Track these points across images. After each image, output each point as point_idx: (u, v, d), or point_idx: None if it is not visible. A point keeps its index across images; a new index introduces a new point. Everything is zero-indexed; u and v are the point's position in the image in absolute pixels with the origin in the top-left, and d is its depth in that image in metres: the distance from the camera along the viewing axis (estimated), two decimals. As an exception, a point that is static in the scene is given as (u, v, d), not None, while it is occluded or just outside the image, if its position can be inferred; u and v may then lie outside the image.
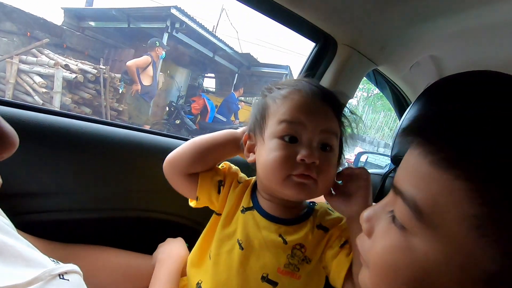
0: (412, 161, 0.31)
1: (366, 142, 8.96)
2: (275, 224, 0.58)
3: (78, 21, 6.57)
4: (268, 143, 0.55)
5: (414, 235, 0.30)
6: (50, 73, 4.45)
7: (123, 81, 4.86)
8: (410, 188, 0.30)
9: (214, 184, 0.65)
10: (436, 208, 0.28)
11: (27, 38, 5.15)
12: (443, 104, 0.35)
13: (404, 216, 0.30)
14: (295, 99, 0.55)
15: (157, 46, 4.55)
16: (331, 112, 0.56)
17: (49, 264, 0.38)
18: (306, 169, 0.51)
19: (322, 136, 0.54)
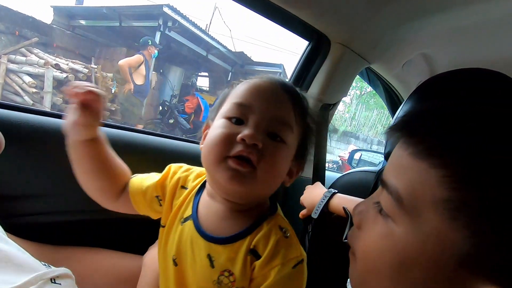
0: (396, 154, 0.34)
1: (359, 139, 9.03)
2: (205, 240, 0.50)
3: (68, 20, 6.46)
4: (215, 123, 0.51)
5: (396, 222, 0.32)
6: (40, 73, 4.37)
7: (115, 80, 4.80)
8: (394, 179, 0.33)
9: (150, 201, 0.59)
10: (414, 195, 0.30)
11: (16, 37, 5.04)
12: (426, 101, 0.38)
13: (388, 206, 0.33)
14: (251, 82, 0.52)
15: (149, 44, 4.51)
16: (288, 104, 0.51)
17: (40, 268, 0.38)
18: (245, 149, 0.46)
19: (272, 123, 0.49)
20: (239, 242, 0.49)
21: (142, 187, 0.59)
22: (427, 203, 0.29)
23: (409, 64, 1.12)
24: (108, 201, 0.60)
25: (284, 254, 0.48)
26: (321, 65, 0.99)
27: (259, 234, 0.49)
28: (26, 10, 5.35)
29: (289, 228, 0.52)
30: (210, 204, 0.54)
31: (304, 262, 0.50)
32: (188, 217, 0.54)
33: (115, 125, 0.83)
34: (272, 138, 0.49)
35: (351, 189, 0.89)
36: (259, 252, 0.48)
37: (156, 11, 5.74)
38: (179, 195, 0.57)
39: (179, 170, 0.61)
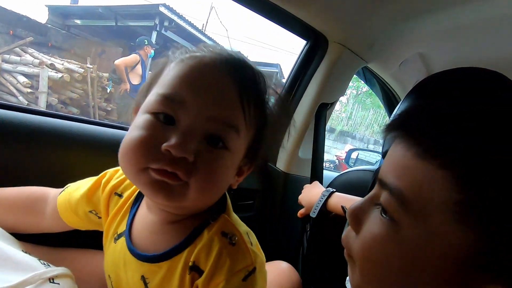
0: (396, 154, 0.32)
1: (356, 139, 9.07)
2: (137, 260, 0.43)
3: (63, 19, 6.41)
4: (138, 118, 0.40)
5: (402, 225, 0.30)
6: (35, 73, 4.32)
7: (111, 80, 4.77)
8: (396, 180, 0.31)
9: (84, 217, 0.52)
10: (420, 196, 0.29)
11: (10, 36, 4.98)
12: (425, 100, 0.38)
13: (391, 208, 0.31)
14: (187, 65, 0.39)
15: (146, 44, 4.48)
16: (233, 95, 0.39)
17: (39, 267, 0.37)
18: (170, 163, 0.36)
19: (211, 125, 0.38)
20: (176, 257, 0.41)
21: (71, 204, 0.52)
22: (435, 205, 0.28)
23: (406, 63, 1.12)
24: (31, 229, 0.55)
25: (229, 266, 0.40)
26: (319, 64, 1.00)
27: (198, 245, 0.41)
28: (21, 9, 5.30)
29: (237, 231, 0.43)
30: (145, 218, 0.46)
31: (258, 270, 0.42)
32: (121, 234, 0.46)
33: (111, 124, 0.82)
34: (212, 144, 0.39)
35: (349, 188, 0.90)
36: (201, 268, 0.40)
37: (152, 10, 5.71)
38: (114, 204, 0.50)
39: (114, 176, 0.52)
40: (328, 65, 0.98)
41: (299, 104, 1.05)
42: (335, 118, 10.60)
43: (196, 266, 0.41)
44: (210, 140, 0.39)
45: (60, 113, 0.76)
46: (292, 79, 1.05)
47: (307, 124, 1.06)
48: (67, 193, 0.54)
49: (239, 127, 0.40)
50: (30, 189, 0.58)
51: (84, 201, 0.51)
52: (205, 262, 0.40)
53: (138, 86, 4.50)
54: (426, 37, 0.98)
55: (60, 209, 0.54)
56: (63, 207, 0.53)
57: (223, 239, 0.42)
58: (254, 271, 0.41)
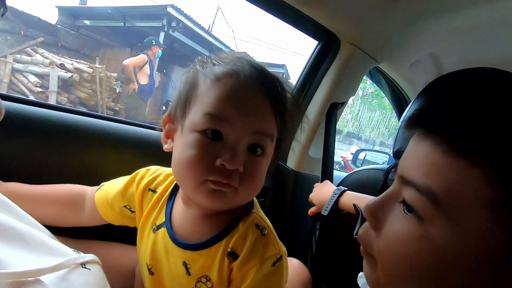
0: (423, 151, 0.31)
1: (362, 140, 9.03)
2: (179, 248, 0.49)
3: (73, 20, 6.50)
4: (187, 136, 0.45)
5: (432, 223, 0.29)
6: (45, 72, 4.40)
7: (120, 80, 4.83)
8: (423, 178, 0.30)
9: (119, 211, 0.58)
10: (453, 195, 0.28)
11: (21, 37, 5.07)
12: (451, 97, 0.35)
13: (419, 205, 0.30)
14: (227, 86, 0.44)
15: (153, 45, 4.53)
16: (268, 109, 0.45)
17: (71, 253, 0.39)
18: (226, 176, 0.43)
19: (253, 137, 0.45)
20: (215, 246, 0.48)
21: (107, 200, 0.58)
22: (469, 203, 0.27)
23: (417, 63, 1.13)
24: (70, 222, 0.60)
25: (262, 253, 0.46)
26: (331, 64, 1.00)
27: (235, 235, 0.47)
28: (32, 10, 5.39)
29: (267, 225, 0.50)
30: (184, 211, 0.51)
31: (284, 258, 0.49)
32: (161, 225, 0.52)
33: (121, 120, 0.85)
34: (253, 152, 0.45)
35: (360, 187, 0.90)
36: (237, 253, 0.46)
37: (160, 11, 5.77)
38: (149, 199, 0.55)
39: (146, 174, 0.58)
40: (340, 65, 0.99)
41: (310, 103, 1.06)
42: (341, 119, 10.56)
43: (233, 252, 0.47)
44: (251, 148, 0.45)
45: (86, 111, 0.79)
46: (303, 79, 1.06)
47: (318, 123, 1.07)
48: (104, 189, 0.60)
49: (274, 134, 0.47)
50: (69, 186, 0.63)
51: (119, 196, 0.57)
52: (241, 248, 0.47)
53: (146, 86, 4.55)
54: (437, 37, 0.98)
55: (98, 204, 0.59)
56: (101, 202, 0.59)
57: (256, 230, 0.48)
58: (281, 258, 0.48)
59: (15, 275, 0.30)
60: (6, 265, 0.30)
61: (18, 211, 0.42)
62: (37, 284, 0.32)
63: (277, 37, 15.60)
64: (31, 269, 0.32)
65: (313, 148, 1.11)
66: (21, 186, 0.61)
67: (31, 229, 0.37)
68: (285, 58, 23.97)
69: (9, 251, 0.34)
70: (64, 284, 0.34)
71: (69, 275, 0.36)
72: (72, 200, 0.61)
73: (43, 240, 0.37)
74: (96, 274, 0.40)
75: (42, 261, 0.35)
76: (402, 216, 0.32)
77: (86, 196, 0.62)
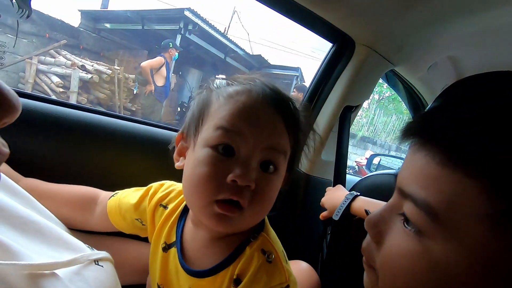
0: (419, 162, 0.30)
1: (377, 145, 8.85)
2: (186, 274, 0.48)
3: (94, 23, 6.73)
4: (198, 151, 0.44)
5: (431, 238, 0.28)
6: (67, 73, 4.58)
7: (137, 81, 4.95)
8: (421, 190, 0.29)
9: (131, 222, 0.58)
10: (451, 208, 0.27)
11: (46, 39, 5.30)
12: (449, 102, 0.34)
13: (418, 220, 0.29)
14: (240, 101, 0.44)
15: (170, 47, 4.62)
16: (281, 125, 0.45)
17: (85, 249, 0.41)
18: (236, 192, 0.41)
19: (266, 153, 0.43)
20: (221, 273, 0.46)
21: (120, 210, 0.59)
22: (468, 216, 0.26)
23: (435, 67, 1.10)
24: (78, 224, 0.61)
25: (266, 281, 0.43)
26: (345, 67, 0.99)
27: (241, 261, 0.45)
28: (56, 14, 5.62)
29: (274, 250, 0.47)
30: (193, 232, 0.50)
31: (291, 287, 0.45)
32: (172, 244, 0.51)
33: (134, 119, 0.87)
34: (265, 169, 0.44)
35: (374, 192, 0.89)
36: (241, 280, 0.44)
37: (177, 14, 5.88)
38: (160, 215, 0.55)
39: (159, 189, 0.58)
40: (355, 68, 0.98)
41: (323, 106, 1.06)
42: (356, 123, 10.40)
43: (239, 279, 0.44)
44: (263, 165, 0.44)
45: (104, 110, 0.82)
46: (317, 81, 1.06)
47: (331, 126, 1.06)
48: (117, 198, 0.60)
49: (286, 152, 0.46)
50: (84, 188, 0.65)
51: (132, 209, 0.57)
52: (245, 275, 0.44)
53: (162, 87, 4.64)
54: (456, 40, 0.95)
55: (109, 212, 0.60)
56: (113, 211, 0.59)
57: (262, 256, 0.45)
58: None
59: (32, 267, 0.31)
60: (24, 256, 0.32)
61: (39, 206, 0.44)
62: (52, 277, 0.33)
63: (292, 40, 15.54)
64: (47, 262, 0.33)
65: (326, 151, 1.09)
66: (39, 183, 0.63)
67: (50, 223, 0.39)
68: (300, 61, 23.85)
69: (28, 244, 0.35)
70: (78, 279, 0.36)
71: (82, 271, 0.37)
72: (84, 203, 0.62)
73: (60, 234, 0.39)
74: (108, 271, 0.41)
75: (58, 255, 0.37)
76: (402, 230, 0.31)
77: (98, 200, 0.63)
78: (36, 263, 0.32)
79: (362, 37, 0.93)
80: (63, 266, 0.35)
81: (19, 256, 0.31)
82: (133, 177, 0.78)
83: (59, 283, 0.33)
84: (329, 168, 1.09)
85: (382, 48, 0.94)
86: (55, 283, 0.32)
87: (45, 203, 0.51)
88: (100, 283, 0.37)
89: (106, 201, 0.61)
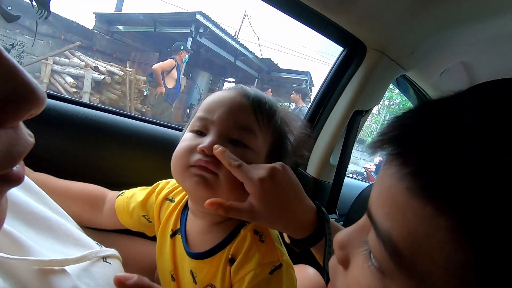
0: (387, 182, 0.24)
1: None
2: (188, 257, 0.52)
3: (108, 25, 6.89)
4: (183, 136, 0.52)
5: (393, 281, 0.23)
6: (81, 74, 4.69)
7: (148, 83, 5.03)
8: (384, 218, 0.24)
9: (138, 220, 0.62)
10: (416, 249, 0.21)
11: (61, 40, 5.45)
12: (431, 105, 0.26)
13: (379, 256, 0.24)
14: (214, 96, 0.52)
15: (181, 49, 4.68)
16: (248, 109, 0.50)
17: (94, 246, 0.41)
18: (203, 157, 0.46)
19: (233, 131, 0.48)
20: (218, 254, 0.49)
21: (128, 208, 0.62)
22: (435, 263, 0.20)
23: (448, 72, 1.08)
24: (86, 222, 0.63)
25: (258, 259, 0.46)
26: (355, 71, 0.99)
27: (235, 241, 0.49)
28: (72, 16, 5.77)
29: (266, 232, 0.50)
30: (193, 220, 0.54)
31: (285, 267, 0.47)
32: (177, 231, 0.55)
33: (143, 118, 0.88)
34: (234, 144, 0.48)
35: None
36: (235, 259, 0.47)
37: (189, 18, 5.98)
38: (166, 208, 0.59)
39: (166, 186, 0.62)
40: (365, 72, 0.97)
41: (333, 110, 1.05)
42: (365, 128, 10.29)
43: (233, 259, 0.48)
44: (233, 142, 0.49)
45: (116, 110, 0.84)
46: (327, 85, 1.05)
47: (340, 130, 1.05)
48: (125, 197, 0.63)
49: (254, 130, 0.50)
50: (92, 187, 0.67)
51: (139, 206, 0.61)
52: (239, 254, 0.47)
53: (172, 89, 4.70)
54: (470, 45, 0.94)
55: (117, 210, 0.63)
56: (121, 209, 0.63)
57: (254, 236, 0.49)
58: (280, 267, 0.47)
59: (43, 263, 0.32)
60: (35, 252, 0.33)
61: (50, 202, 0.44)
62: (61, 273, 0.33)
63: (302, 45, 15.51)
64: (57, 258, 0.33)
65: (335, 155, 1.09)
66: (49, 178, 0.65)
67: (60, 219, 0.40)
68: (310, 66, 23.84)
69: (39, 239, 0.36)
70: (86, 275, 0.36)
71: (91, 267, 0.38)
72: (93, 201, 0.65)
73: (70, 231, 0.40)
74: (115, 268, 0.41)
75: (68, 251, 0.37)
76: (366, 261, 0.26)
77: (106, 199, 0.66)
78: (46, 259, 0.32)
79: (373, 42, 0.92)
80: (73, 263, 0.35)
81: (30, 252, 0.32)
82: (142, 176, 0.79)
83: (67, 279, 0.33)
84: (331, 171, 1.08)
85: (394, 52, 0.93)
86: (64, 279, 0.33)
87: (55, 199, 0.52)
88: (107, 280, 0.38)
89: (114, 200, 0.64)
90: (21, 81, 0.19)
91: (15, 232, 0.33)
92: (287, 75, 7.65)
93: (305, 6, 0.81)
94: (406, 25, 0.84)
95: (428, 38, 0.89)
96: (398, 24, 0.84)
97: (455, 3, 0.75)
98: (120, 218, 0.63)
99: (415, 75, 1.13)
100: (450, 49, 0.95)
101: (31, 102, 0.19)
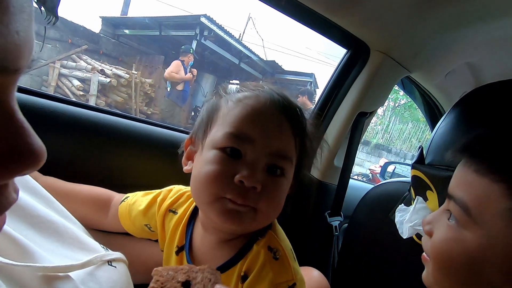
0: (460, 171, 0.42)
1: (392, 153, 8.64)
2: None
3: (114, 29, 6.96)
4: (206, 153, 0.45)
5: (465, 228, 0.39)
6: (87, 77, 4.75)
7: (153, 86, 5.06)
8: (460, 193, 0.40)
9: (140, 228, 0.60)
10: (480, 206, 0.37)
11: (68, 44, 5.52)
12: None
13: (457, 214, 0.40)
14: (248, 106, 0.45)
15: (191, 53, 4.72)
16: (288, 132, 0.46)
17: (100, 250, 0.41)
18: (242, 194, 0.42)
19: (273, 158, 0.45)
20: (229, 271, 0.46)
21: (130, 216, 0.60)
22: (492, 212, 0.36)
23: (453, 74, 1.07)
24: (92, 225, 0.62)
25: (272, 278, 0.43)
26: (359, 73, 0.98)
27: (248, 258, 0.46)
28: (78, 20, 5.86)
29: (281, 247, 0.47)
30: (202, 236, 0.51)
31: (298, 286, 0.45)
32: (182, 247, 0.52)
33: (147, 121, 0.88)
34: (272, 173, 0.45)
35: (387, 200, 0.87)
36: (249, 276, 0.45)
37: (194, 21, 6.01)
38: (169, 220, 0.55)
39: (168, 195, 0.59)
40: (369, 74, 0.97)
41: (337, 111, 1.05)
42: (370, 130, 10.22)
43: (246, 275, 0.45)
44: (270, 169, 0.45)
45: (121, 112, 0.84)
46: (331, 87, 1.05)
47: (344, 132, 1.04)
48: (128, 204, 0.61)
49: (293, 157, 0.47)
50: (99, 190, 0.67)
51: (141, 215, 0.59)
52: (252, 271, 0.45)
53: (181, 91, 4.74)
54: (475, 46, 0.93)
55: (120, 217, 0.62)
56: (123, 216, 0.61)
57: (268, 253, 0.46)
58: (294, 286, 0.44)
59: (47, 269, 0.32)
60: (39, 257, 0.33)
61: (57, 206, 0.45)
62: (66, 280, 0.34)
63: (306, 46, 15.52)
64: (62, 265, 0.34)
65: (338, 157, 1.08)
66: (57, 182, 0.65)
67: (67, 223, 0.40)
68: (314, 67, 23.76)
69: (44, 243, 0.36)
70: (90, 279, 0.36)
71: (95, 271, 0.38)
72: (99, 205, 0.64)
73: (76, 234, 0.40)
74: (121, 271, 0.41)
75: (73, 255, 0.38)
76: (446, 223, 0.42)
77: (111, 203, 0.65)
78: (51, 266, 0.32)
79: (377, 43, 0.92)
80: (78, 269, 0.35)
81: (34, 257, 0.32)
82: (149, 177, 0.80)
83: (71, 284, 0.33)
84: (335, 173, 1.08)
85: (398, 54, 0.93)
86: (68, 285, 0.33)
87: (62, 202, 0.53)
88: (112, 284, 0.38)
89: (118, 205, 0.63)
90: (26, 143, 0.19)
91: (20, 236, 0.33)
92: (292, 77, 7.63)
93: (309, 9, 0.81)
94: (410, 26, 0.84)
95: (432, 39, 0.89)
96: (402, 25, 0.84)
97: (459, 4, 0.75)
98: (124, 225, 0.62)
99: (420, 77, 1.12)
100: (455, 50, 0.95)
101: (31, 165, 0.19)
